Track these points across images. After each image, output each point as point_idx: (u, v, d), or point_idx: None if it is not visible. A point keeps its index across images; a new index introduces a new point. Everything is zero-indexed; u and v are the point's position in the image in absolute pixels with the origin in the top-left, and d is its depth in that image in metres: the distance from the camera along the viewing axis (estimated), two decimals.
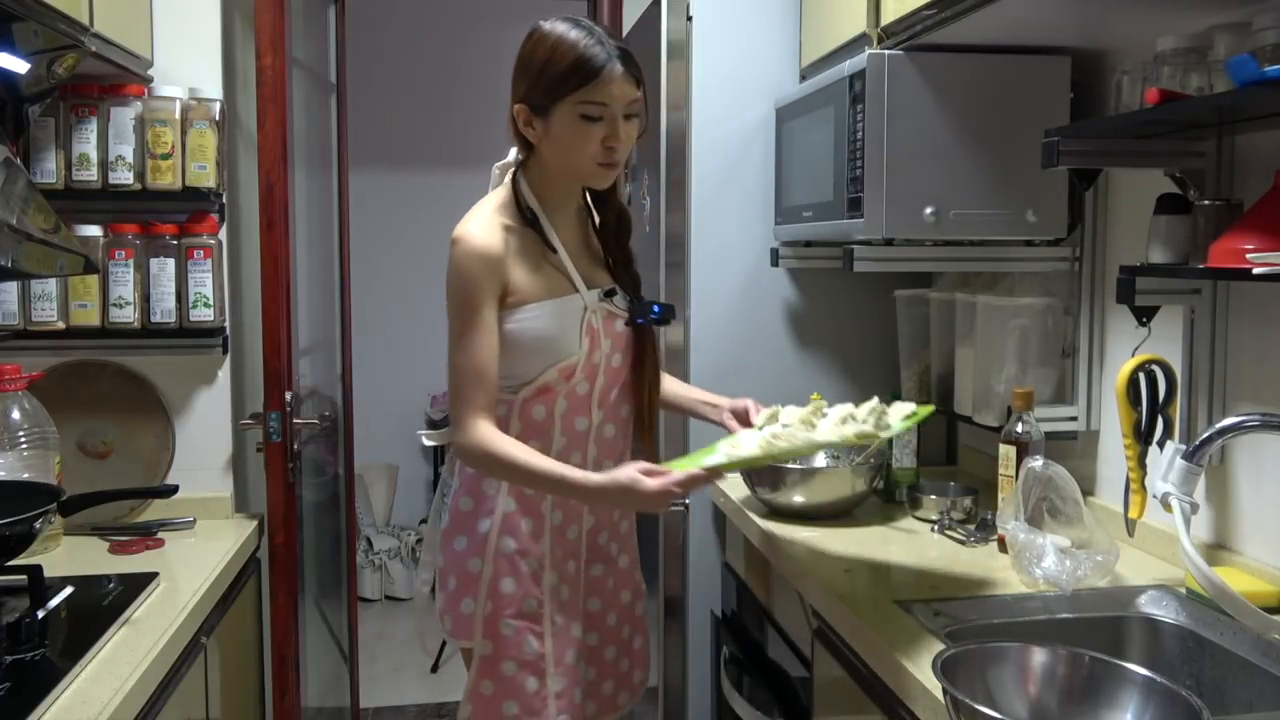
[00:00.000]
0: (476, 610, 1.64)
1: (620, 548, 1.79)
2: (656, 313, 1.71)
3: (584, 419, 1.66)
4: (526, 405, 1.63)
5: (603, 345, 1.65)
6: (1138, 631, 1.57)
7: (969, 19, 1.68)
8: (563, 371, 1.61)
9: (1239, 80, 1.25)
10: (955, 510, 2.01)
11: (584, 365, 1.62)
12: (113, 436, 2.18)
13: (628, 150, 1.61)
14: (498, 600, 1.63)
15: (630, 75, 1.55)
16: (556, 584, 1.68)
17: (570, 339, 1.61)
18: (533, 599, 1.65)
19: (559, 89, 1.54)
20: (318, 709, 2.61)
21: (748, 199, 2.47)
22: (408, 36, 4.90)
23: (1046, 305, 2.03)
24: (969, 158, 1.91)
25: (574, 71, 1.52)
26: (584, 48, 1.53)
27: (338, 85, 2.91)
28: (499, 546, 1.64)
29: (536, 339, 1.60)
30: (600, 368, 1.65)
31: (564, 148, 1.58)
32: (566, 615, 1.68)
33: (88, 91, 2.07)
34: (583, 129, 1.55)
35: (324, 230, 2.83)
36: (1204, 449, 1.40)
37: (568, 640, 1.68)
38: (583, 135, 1.55)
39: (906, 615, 1.53)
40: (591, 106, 1.53)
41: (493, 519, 1.65)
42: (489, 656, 1.64)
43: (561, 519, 1.68)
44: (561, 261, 1.64)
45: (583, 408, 1.65)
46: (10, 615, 1.52)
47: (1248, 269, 1.29)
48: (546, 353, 1.60)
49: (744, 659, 2.22)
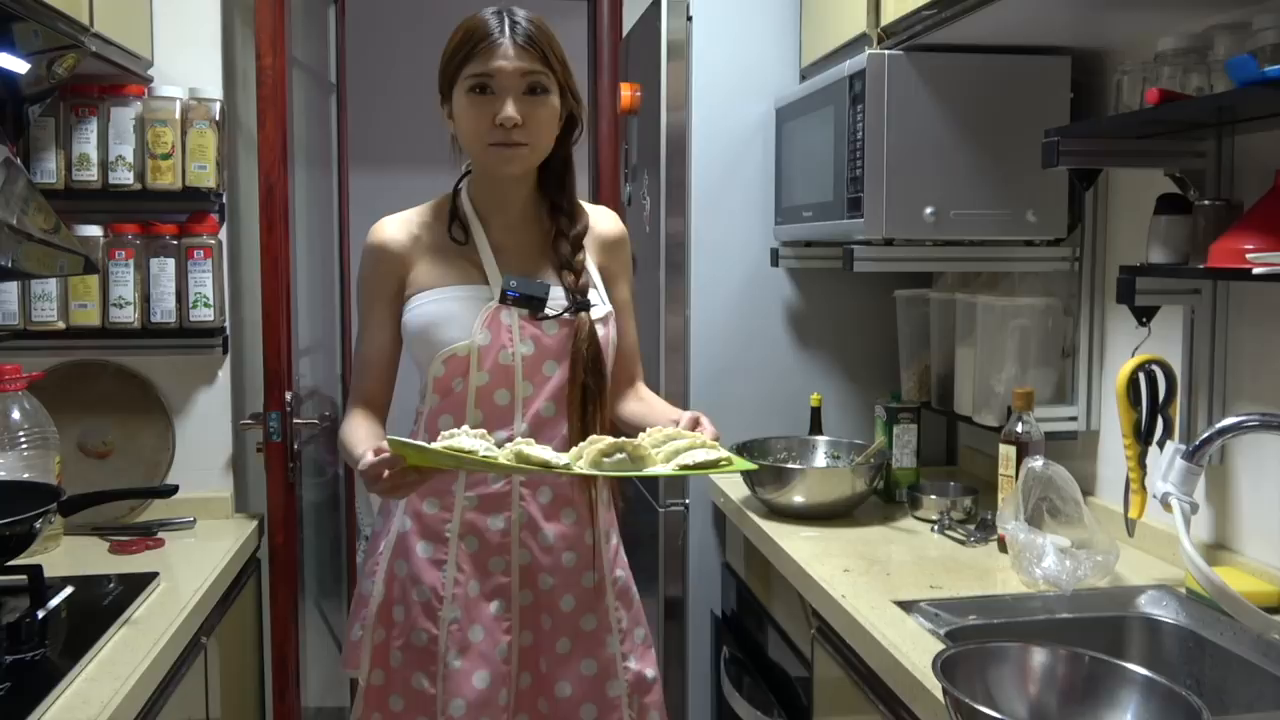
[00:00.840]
0: (365, 637, 1.53)
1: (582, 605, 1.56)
2: (511, 293, 1.48)
3: (503, 431, 1.49)
4: (433, 413, 1.52)
5: (516, 345, 1.49)
6: (1138, 631, 1.57)
7: (969, 19, 1.68)
8: (452, 365, 1.48)
9: (1239, 80, 1.25)
10: (955, 510, 2.01)
11: (485, 362, 1.48)
12: (113, 436, 2.18)
13: (538, 133, 1.48)
14: (389, 628, 1.53)
15: (527, 47, 1.45)
16: (460, 621, 1.50)
17: (456, 326, 1.48)
18: (422, 632, 1.50)
19: (452, 64, 1.48)
20: (318, 709, 2.61)
21: (748, 199, 2.47)
22: (408, 36, 4.89)
23: (1046, 305, 2.03)
24: (969, 158, 1.92)
25: (462, 44, 1.47)
26: (476, 22, 1.47)
27: (338, 85, 2.91)
28: (392, 569, 1.54)
29: (422, 326, 1.51)
30: (517, 371, 1.49)
31: (463, 130, 1.50)
32: (469, 661, 1.49)
33: (88, 91, 2.07)
34: (473, 105, 1.46)
35: (324, 230, 2.84)
36: (1204, 449, 1.40)
37: (462, 689, 1.48)
38: (473, 112, 1.46)
39: (906, 615, 1.53)
40: (475, 79, 1.45)
41: (388, 539, 1.55)
42: (379, 688, 1.53)
43: (478, 547, 1.51)
44: (476, 255, 1.53)
45: (504, 419, 1.50)
46: (10, 615, 1.52)
47: (1248, 269, 1.29)
48: (430, 341, 1.49)
49: (744, 659, 2.22)
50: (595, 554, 1.57)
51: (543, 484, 1.54)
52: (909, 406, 2.26)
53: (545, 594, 1.55)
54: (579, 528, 1.57)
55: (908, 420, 2.24)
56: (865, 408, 2.48)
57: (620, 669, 1.59)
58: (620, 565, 1.64)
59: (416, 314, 1.52)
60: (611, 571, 1.61)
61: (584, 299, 1.53)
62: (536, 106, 1.47)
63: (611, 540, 1.62)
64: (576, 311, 1.52)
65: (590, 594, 1.57)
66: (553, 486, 1.55)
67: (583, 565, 1.57)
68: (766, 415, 2.46)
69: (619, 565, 1.63)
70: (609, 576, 1.60)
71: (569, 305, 1.52)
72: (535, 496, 1.54)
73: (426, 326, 1.51)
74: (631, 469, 1.31)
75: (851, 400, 2.52)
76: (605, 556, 1.59)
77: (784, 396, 2.48)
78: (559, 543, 1.55)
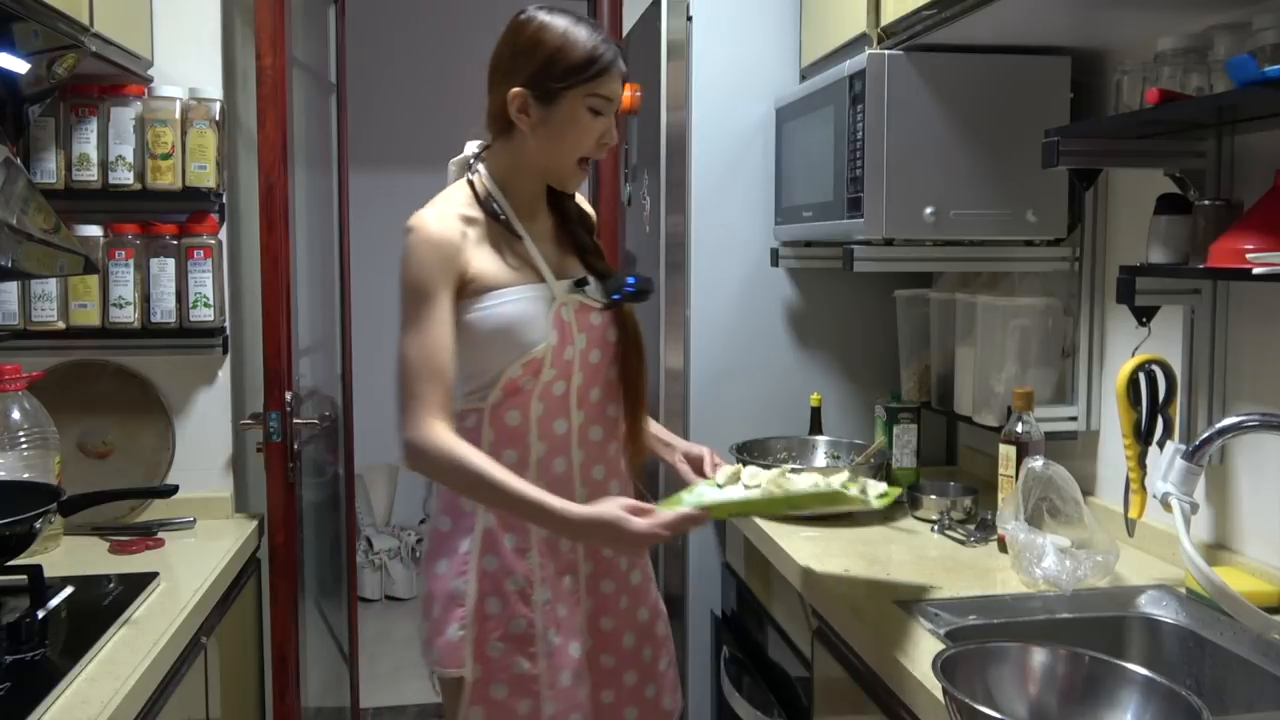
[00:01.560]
0: (466, 635, 1.55)
1: (632, 563, 1.67)
2: (632, 285, 1.59)
3: (563, 421, 1.57)
4: (497, 411, 1.54)
5: (576, 339, 1.56)
6: (1138, 631, 1.57)
7: (969, 19, 1.68)
8: (529, 366, 1.52)
9: (1239, 80, 1.25)
10: (955, 510, 2.01)
11: (554, 360, 1.53)
12: (113, 436, 2.18)
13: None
14: (483, 623, 1.55)
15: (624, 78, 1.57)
16: (550, 601, 1.57)
17: (535, 329, 1.52)
18: (521, 619, 1.55)
19: (571, 77, 1.51)
20: (318, 709, 2.61)
21: (748, 199, 2.47)
22: (408, 36, 4.90)
23: (1046, 305, 2.03)
24: (969, 158, 1.91)
25: (589, 62, 1.51)
26: (598, 41, 1.52)
27: (338, 85, 2.91)
28: (482, 566, 1.56)
29: (497, 328, 1.51)
30: (575, 364, 1.56)
31: (559, 136, 1.54)
32: (564, 634, 1.57)
33: (88, 91, 2.07)
34: (586, 121, 1.53)
35: (324, 230, 2.83)
36: (1204, 449, 1.40)
37: (564, 661, 1.57)
38: (584, 127, 1.53)
39: (906, 615, 1.53)
40: (599, 100, 1.53)
41: (472, 537, 1.56)
42: (479, 681, 1.55)
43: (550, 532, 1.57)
44: (527, 250, 1.57)
45: (560, 409, 1.56)
46: (10, 615, 1.52)
47: (1248, 269, 1.30)
48: (509, 344, 1.51)
49: (744, 659, 2.22)
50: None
51: (597, 463, 1.61)
52: (909, 406, 2.26)
53: (605, 561, 1.64)
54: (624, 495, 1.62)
55: (908, 420, 2.24)
56: (865, 408, 2.48)
57: (661, 609, 1.74)
58: None
59: (493, 314, 1.52)
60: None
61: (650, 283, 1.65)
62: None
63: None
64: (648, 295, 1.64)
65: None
66: (604, 464, 1.62)
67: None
68: (766, 415, 2.46)
69: None
70: None
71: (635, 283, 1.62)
72: (591, 474, 1.61)
73: (504, 329, 1.52)
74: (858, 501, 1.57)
75: (851, 400, 2.52)
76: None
77: (784, 396, 2.48)
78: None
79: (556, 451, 1.57)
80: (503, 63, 1.55)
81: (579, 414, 1.58)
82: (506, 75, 1.53)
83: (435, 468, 1.48)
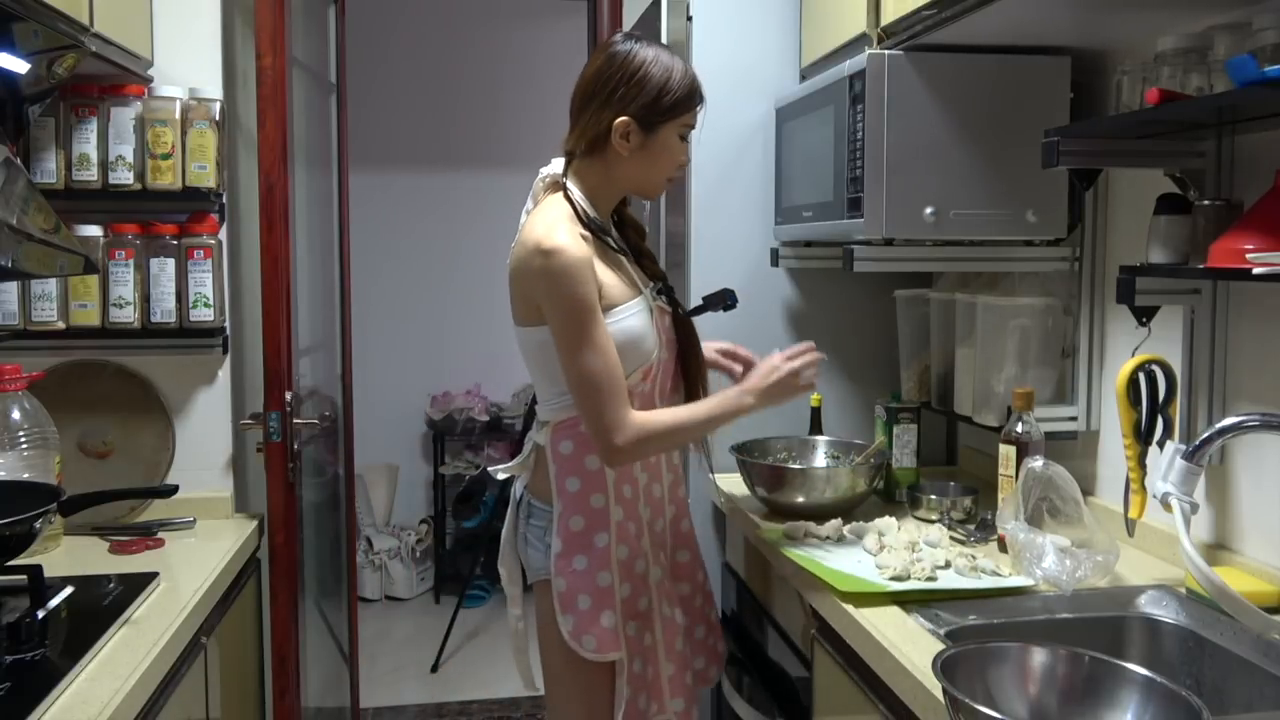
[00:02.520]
0: (617, 621, 1.68)
1: (691, 529, 1.89)
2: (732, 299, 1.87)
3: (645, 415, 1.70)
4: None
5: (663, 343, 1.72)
6: (1138, 631, 1.57)
7: (969, 19, 1.68)
8: (645, 372, 1.67)
9: (1239, 80, 1.25)
10: (955, 510, 2.01)
11: (660, 364, 1.71)
12: (113, 436, 2.18)
13: None
14: (624, 607, 1.69)
15: None
16: (660, 578, 1.74)
17: (650, 339, 1.68)
18: (645, 598, 1.72)
19: (674, 110, 1.65)
20: (318, 709, 2.61)
21: (748, 199, 2.47)
22: (408, 36, 4.90)
23: (1046, 305, 2.03)
24: (969, 158, 1.92)
25: (689, 97, 1.67)
26: (693, 78, 1.69)
27: (338, 85, 2.91)
28: (618, 556, 1.69)
29: (629, 340, 1.64)
30: (661, 364, 1.72)
31: (655, 161, 1.68)
32: (670, 604, 1.76)
33: (88, 91, 2.07)
34: (677, 147, 1.69)
35: (324, 230, 2.83)
36: (1204, 449, 1.40)
37: (674, 628, 1.75)
38: (675, 152, 1.69)
39: (906, 615, 1.53)
40: (687, 129, 1.70)
41: (609, 531, 1.68)
42: (624, 661, 1.68)
43: (650, 514, 1.75)
44: (626, 265, 1.72)
45: (648, 403, 1.70)
46: (10, 615, 1.52)
47: (1248, 269, 1.30)
48: (636, 353, 1.65)
49: (744, 659, 2.22)
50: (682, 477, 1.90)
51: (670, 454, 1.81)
52: (909, 406, 2.26)
53: (683, 534, 1.86)
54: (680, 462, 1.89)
55: (908, 420, 2.24)
56: (865, 408, 2.48)
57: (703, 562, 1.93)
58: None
59: (619, 329, 1.64)
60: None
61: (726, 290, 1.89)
62: None
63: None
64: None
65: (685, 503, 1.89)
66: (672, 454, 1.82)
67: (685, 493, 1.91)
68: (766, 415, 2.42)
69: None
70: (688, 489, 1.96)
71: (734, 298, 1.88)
72: (672, 459, 1.82)
73: (634, 341, 1.65)
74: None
75: (851, 400, 2.52)
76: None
77: None
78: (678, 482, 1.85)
79: None
80: (604, 89, 1.64)
81: (660, 403, 1.74)
82: (607, 102, 1.64)
83: (650, 448, 1.67)
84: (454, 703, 3.65)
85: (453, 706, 3.62)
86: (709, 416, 1.69)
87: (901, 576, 1.64)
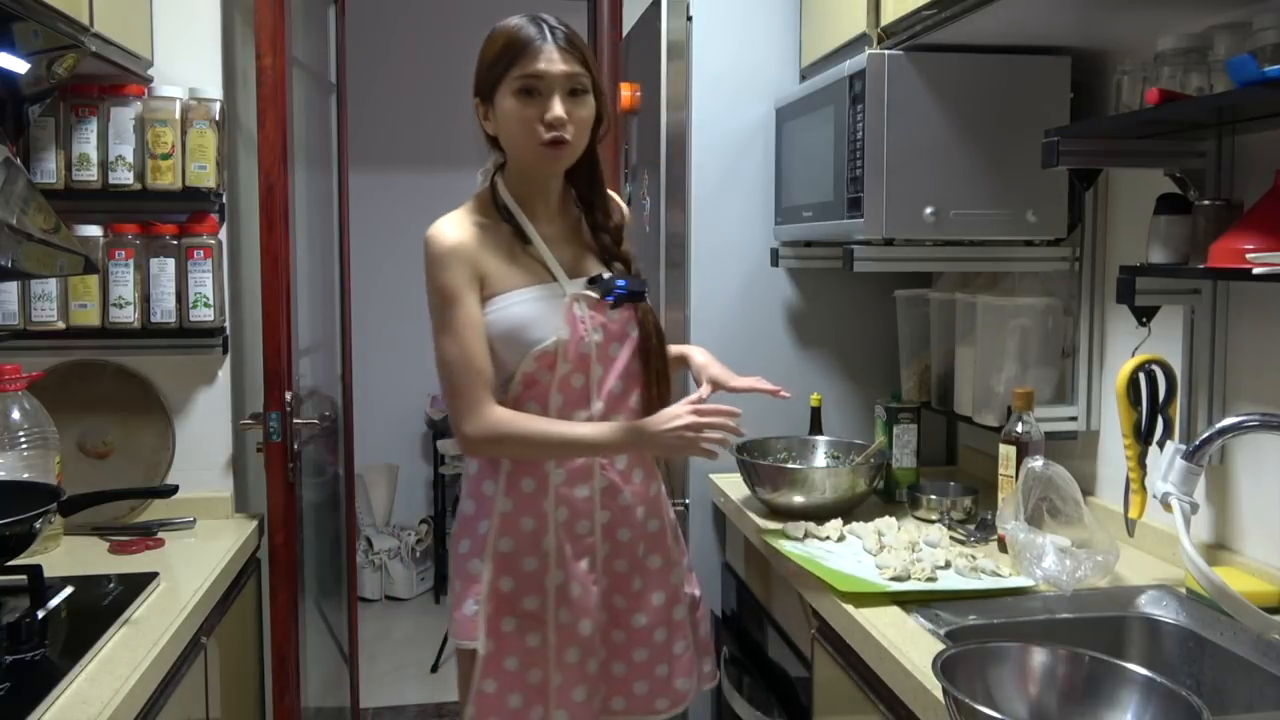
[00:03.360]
0: (480, 611, 1.64)
1: (649, 548, 1.74)
2: (621, 288, 1.63)
3: (583, 412, 1.65)
4: (518, 404, 1.63)
5: (590, 334, 1.63)
6: (1138, 631, 1.57)
7: (969, 19, 1.68)
8: (541, 360, 1.60)
9: (1239, 80, 1.25)
10: (955, 510, 2.01)
11: (568, 354, 1.61)
12: (113, 436, 2.18)
13: (580, 131, 1.60)
14: (498, 601, 1.64)
15: (568, 50, 1.57)
16: (563, 582, 1.66)
17: (545, 325, 1.59)
18: (532, 598, 1.65)
19: (496, 69, 1.57)
20: (318, 709, 2.61)
21: (748, 199, 2.47)
22: (408, 36, 4.90)
23: (1046, 305, 2.03)
24: (969, 158, 1.91)
25: (507, 48, 1.56)
26: (517, 27, 1.57)
27: (338, 85, 2.91)
28: (497, 547, 1.65)
29: (511, 328, 1.60)
30: (592, 357, 1.63)
31: (510, 130, 1.58)
32: (574, 612, 1.66)
33: (88, 91, 2.07)
34: (521, 107, 1.56)
35: (324, 230, 2.83)
36: (1204, 449, 1.40)
37: (573, 637, 1.66)
38: (522, 113, 1.56)
39: (906, 615, 1.53)
40: (526, 80, 1.55)
41: (490, 520, 1.65)
42: (492, 655, 1.64)
43: (568, 515, 1.66)
44: (538, 252, 1.64)
45: (580, 400, 1.64)
46: (10, 615, 1.52)
47: (1248, 269, 1.29)
48: (521, 340, 1.59)
49: (744, 659, 2.22)
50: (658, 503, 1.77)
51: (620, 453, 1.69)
52: (909, 406, 2.26)
53: (623, 544, 1.71)
54: (645, 484, 1.74)
55: (908, 420, 2.24)
56: (865, 408, 2.48)
57: (682, 594, 1.79)
58: (669, 508, 1.82)
59: (502, 316, 1.61)
60: (668, 514, 1.80)
61: (643, 284, 1.69)
62: (578, 106, 1.59)
63: (662, 489, 1.81)
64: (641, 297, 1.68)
65: (655, 537, 1.75)
66: (627, 455, 1.70)
67: (649, 514, 1.74)
68: (766, 415, 2.45)
69: (670, 508, 1.82)
70: (668, 520, 1.79)
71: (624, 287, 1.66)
72: (613, 464, 1.69)
73: (516, 329, 1.60)
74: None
75: (851, 400, 2.52)
76: (664, 502, 1.79)
77: None
78: (634, 500, 1.71)
79: None
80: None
81: (599, 404, 1.65)
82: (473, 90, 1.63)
83: (497, 448, 1.62)
84: (454, 703, 3.64)
85: (452, 706, 3.62)
86: (574, 441, 1.60)
87: (901, 576, 1.64)
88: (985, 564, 1.69)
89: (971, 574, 1.66)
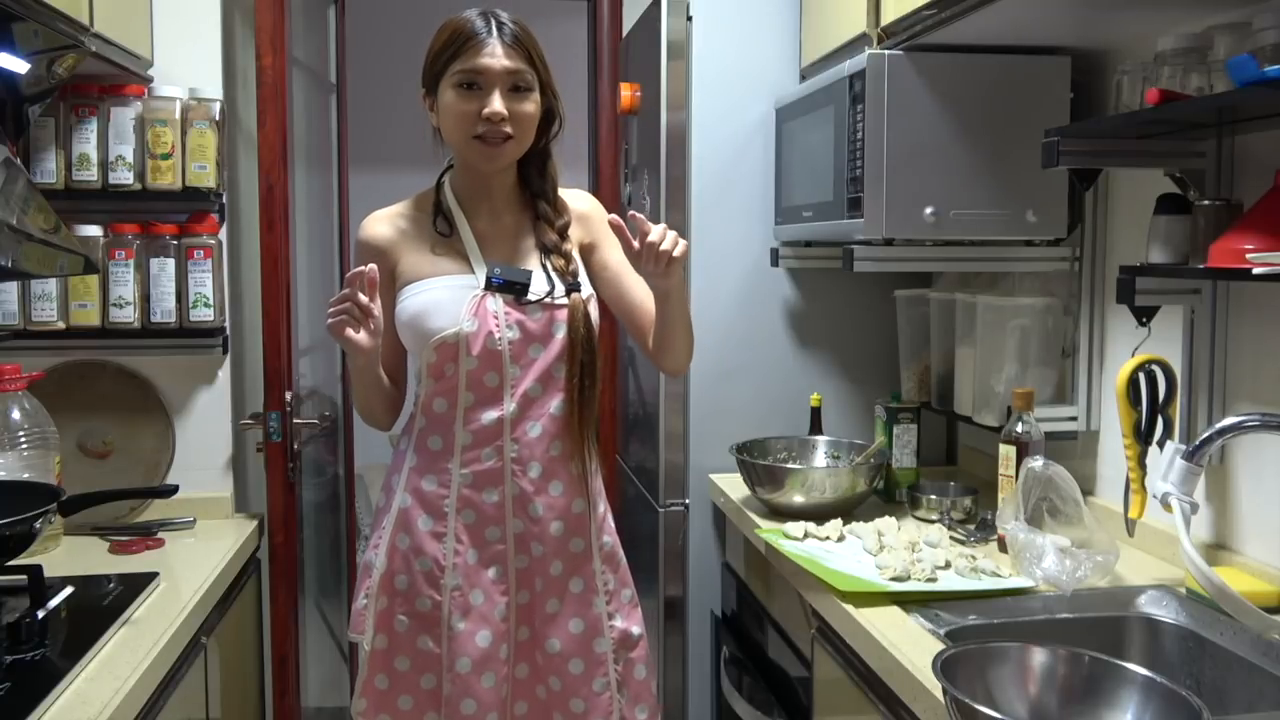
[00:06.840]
0: (369, 604, 1.63)
1: (569, 569, 1.65)
2: (496, 278, 1.57)
3: (493, 411, 1.59)
4: (428, 398, 1.62)
5: (504, 331, 1.57)
6: (1138, 631, 1.57)
7: (969, 19, 1.68)
8: (442, 351, 1.57)
9: (1239, 80, 1.25)
10: (955, 510, 2.01)
11: (472, 348, 1.56)
12: (113, 436, 2.18)
13: (522, 129, 1.57)
14: (391, 597, 1.63)
15: (513, 46, 1.55)
16: (460, 587, 1.60)
17: (445, 315, 1.57)
18: (426, 599, 1.61)
19: (439, 61, 1.57)
20: (318, 709, 2.61)
21: (748, 199, 2.47)
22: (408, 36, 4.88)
23: (1046, 305, 2.03)
24: (969, 158, 1.91)
25: (451, 41, 1.56)
26: (464, 20, 1.56)
27: (338, 85, 2.91)
28: (394, 543, 1.63)
29: (412, 315, 1.59)
30: (504, 355, 1.58)
31: (447, 124, 1.59)
32: (471, 622, 1.59)
33: (88, 91, 2.07)
34: (461, 100, 1.55)
35: (324, 230, 2.83)
36: (1204, 449, 1.40)
37: (466, 648, 1.59)
38: (460, 106, 1.55)
39: (906, 615, 1.53)
40: (465, 74, 1.55)
41: (390, 515, 1.65)
42: (384, 651, 1.63)
43: (475, 519, 1.61)
44: (460, 244, 1.63)
45: (492, 400, 1.59)
46: (10, 615, 1.52)
47: (1248, 269, 1.29)
48: (421, 329, 1.58)
49: (744, 659, 2.22)
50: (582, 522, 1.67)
51: (532, 460, 1.62)
52: (909, 406, 2.26)
53: (537, 559, 1.64)
54: (567, 498, 1.65)
55: (908, 420, 2.24)
56: (865, 408, 2.48)
57: (606, 627, 1.68)
58: (608, 531, 1.72)
59: (406, 304, 1.61)
60: (599, 537, 1.70)
61: (575, 282, 1.63)
62: (521, 102, 1.57)
63: (599, 508, 1.71)
64: (568, 294, 1.61)
65: (578, 558, 1.66)
66: (541, 462, 1.63)
67: (570, 532, 1.66)
68: (766, 415, 2.46)
69: (606, 531, 1.72)
70: (595, 542, 1.69)
71: (550, 290, 1.60)
72: (526, 472, 1.62)
73: (416, 316, 1.59)
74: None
75: (851, 400, 2.52)
76: (593, 523, 1.68)
77: (784, 396, 2.48)
78: (547, 513, 1.63)
79: (483, 441, 1.61)
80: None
81: (513, 406, 1.60)
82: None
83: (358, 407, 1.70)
84: None
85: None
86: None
87: (901, 577, 1.64)
88: (985, 564, 1.69)
89: (971, 574, 1.66)
